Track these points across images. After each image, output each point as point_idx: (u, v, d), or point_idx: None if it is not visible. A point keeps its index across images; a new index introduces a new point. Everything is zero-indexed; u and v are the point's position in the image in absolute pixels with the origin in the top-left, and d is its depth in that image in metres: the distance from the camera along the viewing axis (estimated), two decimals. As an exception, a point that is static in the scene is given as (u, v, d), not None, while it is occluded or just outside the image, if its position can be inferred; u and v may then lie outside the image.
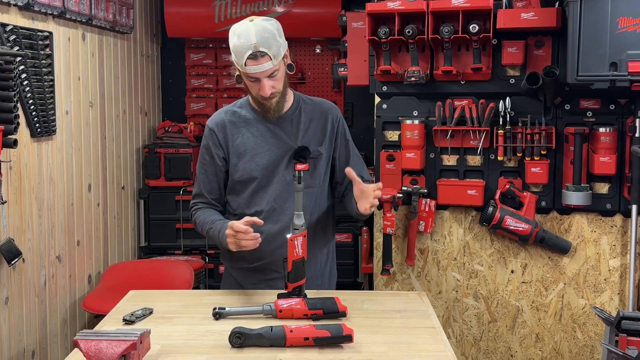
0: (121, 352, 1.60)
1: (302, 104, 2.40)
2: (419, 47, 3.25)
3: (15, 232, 2.89)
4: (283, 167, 2.33)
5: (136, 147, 4.54)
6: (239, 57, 2.19)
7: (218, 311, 2.06)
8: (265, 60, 2.17)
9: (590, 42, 2.88)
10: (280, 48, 2.22)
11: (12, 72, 2.68)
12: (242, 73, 2.25)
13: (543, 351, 3.36)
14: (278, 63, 2.22)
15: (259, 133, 2.36)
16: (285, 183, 2.33)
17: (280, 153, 2.34)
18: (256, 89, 2.25)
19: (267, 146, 2.34)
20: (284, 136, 2.35)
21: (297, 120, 2.37)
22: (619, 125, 3.16)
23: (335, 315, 2.05)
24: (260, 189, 2.34)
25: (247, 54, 2.17)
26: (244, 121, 2.38)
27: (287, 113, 2.37)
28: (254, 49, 2.16)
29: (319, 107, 2.42)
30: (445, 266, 3.42)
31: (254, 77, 2.22)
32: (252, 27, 2.19)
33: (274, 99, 2.28)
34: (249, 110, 2.39)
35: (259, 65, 2.17)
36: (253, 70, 2.19)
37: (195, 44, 5.13)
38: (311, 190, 2.35)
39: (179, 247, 4.54)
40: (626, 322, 2.39)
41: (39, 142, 3.11)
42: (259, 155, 2.34)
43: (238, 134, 2.37)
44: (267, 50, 2.17)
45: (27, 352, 3.03)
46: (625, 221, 3.22)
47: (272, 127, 2.36)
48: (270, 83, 2.23)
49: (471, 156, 3.34)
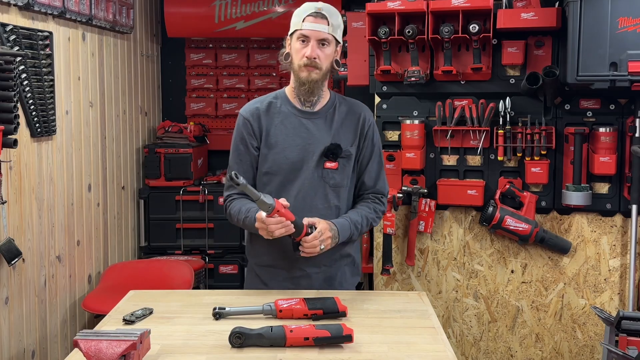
0: (121, 352, 1.60)
1: (337, 103, 2.39)
2: (419, 47, 3.25)
3: (15, 232, 2.89)
4: (313, 164, 2.31)
5: (136, 147, 4.54)
6: (299, 17, 2.26)
7: (218, 311, 2.05)
8: (324, 22, 2.24)
9: (590, 42, 2.88)
10: (339, 30, 2.30)
11: (12, 72, 2.68)
12: (293, 40, 2.28)
13: (543, 351, 3.36)
14: (332, 38, 2.26)
15: (292, 126, 2.34)
16: (313, 179, 2.31)
17: (311, 149, 2.32)
18: (302, 54, 2.26)
19: (298, 140, 2.32)
20: (316, 132, 2.33)
21: (330, 117, 2.36)
22: (619, 125, 3.16)
23: (335, 315, 2.05)
24: (288, 183, 2.32)
25: (308, 11, 2.25)
26: (278, 112, 2.36)
27: (322, 109, 2.36)
28: (317, 10, 2.24)
29: (353, 108, 2.41)
30: (445, 266, 3.42)
31: (305, 37, 2.25)
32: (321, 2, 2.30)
33: (314, 72, 2.26)
34: (284, 102, 2.37)
35: (316, 24, 2.23)
36: (309, 27, 2.23)
37: (195, 44, 5.13)
38: (338, 189, 2.34)
39: (179, 247, 4.54)
40: (626, 322, 2.39)
41: (39, 142, 3.11)
42: (289, 148, 2.32)
43: (271, 124, 2.35)
44: (328, 16, 2.25)
45: (27, 352, 3.03)
46: (625, 221, 3.22)
47: (306, 122, 2.34)
48: (317, 51, 2.25)
49: (471, 156, 3.34)
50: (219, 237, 4.53)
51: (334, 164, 2.30)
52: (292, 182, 2.32)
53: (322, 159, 2.31)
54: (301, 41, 2.25)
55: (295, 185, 2.32)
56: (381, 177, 2.45)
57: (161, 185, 4.53)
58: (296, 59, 2.28)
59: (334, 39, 2.28)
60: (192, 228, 4.54)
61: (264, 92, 5.04)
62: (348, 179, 2.37)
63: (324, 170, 2.31)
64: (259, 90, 5.11)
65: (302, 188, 2.32)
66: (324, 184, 2.32)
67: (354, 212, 2.37)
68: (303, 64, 2.25)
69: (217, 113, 5.16)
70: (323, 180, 2.32)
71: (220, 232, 4.52)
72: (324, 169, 2.31)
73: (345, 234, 2.29)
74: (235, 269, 4.56)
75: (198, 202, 4.50)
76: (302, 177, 2.32)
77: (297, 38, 2.26)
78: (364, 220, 2.35)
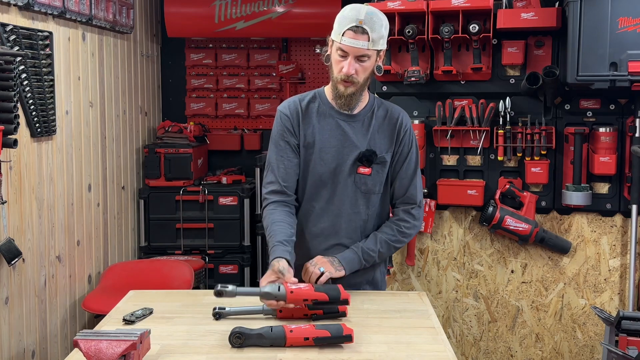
0: (121, 352, 1.60)
1: (376, 107, 2.35)
2: (419, 47, 3.25)
3: (15, 232, 2.89)
4: (347, 168, 2.29)
5: (136, 147, 4.53)
6: (341, 26, 2.17)
7: (218, 311, 2.05)
8: (363, 38, 2.15)
9: (590, 42, 2.88)
10: (381, 40, 2.20)
11: (12, 72, 2.68)
12: (334, 48, 2.21)
13: (543, 351, 3.36)
14: (372, 51, 2.19)
15: (329, 127, 2.30)
16: (346, 185, 2.29)
17: (346, 152, 2.29)
18: (339, 67, 2.20)
19: (335, 142, 2.30)
20: (353, 135, 2.30)
21: (368, 121, 2.32)
22: (619, 125, 3.16)
23: (335, 315, 2.05)
24: (321, 185, 2.30)
25: (349, 25, 2.15)
26: (316, 112, 2.32)
27: (360, 113, 2.32)
28: (358, 23, 2.15)
29: (391, 113, 2.36)
30: (445, 266, 3.42)
31: (344, 53, 2.18)
32: (365, 7, 2.19)
33: (350, 87, 2.22)
34: (323, 102, 2.34)
35: (356, 40, 2.15)
36: (347, 42, 2.15)
37: (195, 44, 5.13)
38: (369, 195, 2.32)
39: (179, 247, 4.54)
40: (626, 322, 2.39)
41: (39, 142, 3.11)
42: (325, 150, 2.29)
43: (309, 123, 2.31)
44: (369, 30, 2.15)
45: (27, 352, 3.03)
46: (625, 221, 3.22)
47: (343, 124, 2.30)
48: (355, 66, 2.18)
49: (471, 156, 3.34)
50: (219, 237, 4.53)
51: (367, 170, 2.27)
52: (325, 184, 2.30)
53: (356, 163, 2.28)
54: (339, 54, 2.19)
55: (327, 187, 2.30)
56: (413, 184, 2.35)
57: (161, 185, 4.53)
58: (335, 69, 2.23)
59: (375, 52, 2.22)
60: (192, 228, 4.54)
61: (264, 92, 5.13)
62: (381, 185, 2.33)
63: (357, 175, 2.29)
64: (259, 90, 5.11)
65: (334, 191, 2.30)
66: (356, 189, 2.30)
67: (370, 240, 2.31)
68: (340, 78, 2.21)
69: (217, 113, 5.16)
70: (355, 185, 2.30)
71: (220, 232, 4.52)
72: (357, 174, 2.28)
73: (353, 265, 2.26)
74: (235, 269, 4.55)
75: (198, 202, 4.50)
76: (334, 180, 2.30)
77: (336, 49, 2.20)
78: (382, 246, 2.29)
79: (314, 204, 2.31)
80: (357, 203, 2.30)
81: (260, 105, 5.12)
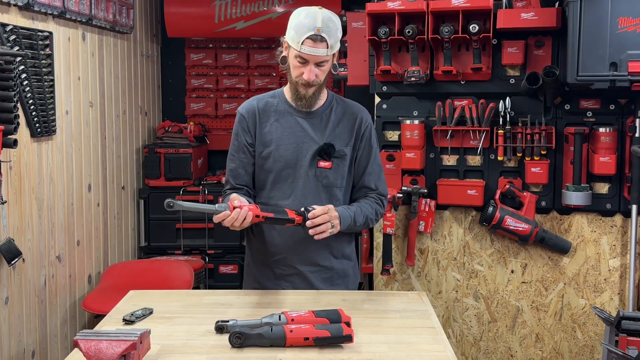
0: (121, 352, 1.60)
1: (335, 104, 2.40)
2: (419, 47, 3.25)
3: (15, 232, 2.89)
4: (307, 163, 2.33)
5: (136, 147, 4.54)
6: (299, 35, 2.20)
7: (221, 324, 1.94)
8: (322, 46, 2.20)
9: (590, 42, 2.88)
10: (337, 43, 2.25)
11: (12, 72, 2.68)
12: (291, 53, 2.25)
13: (543, 351, 3.36)
14: (330, 55, 2.24)
15: (287, 125, 2.35)
16: (307, 179, 2.33)
17: (305, 147, 2.33)
18: (299, 72, 2.25)
19: (293, 139, 2.34)
20: (312, 132, 2.35)
21: (327, 118, 2.37)
22: (619, 125, 3.16)
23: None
24: (281, 181, 2.34)
25: (307, 34, 2.18)
26: (275, 111, 2.38)
27: (318, 110, 2.37)
28: (316, 32, 2.18)
29: (350, 109, 2.41)
30: (445, 266, 3.42)
31: (303, 60, 2.22)
32: (320, 12, 2.22)
33: (311, 89, 2.28)
34: (282, 101, 2.39)
35: (315, 48, 2.19)
36: (307, 51, 2.19)
37: (195, 44, 5.13)
38: (333, 189, 2.35)
39: (179, 247, 4.54)
40: (626, 322, 2.39)
41: (39, 142, 3.11)
42: (283, 146, 2.34)
43: (267, 122, 2.37)
44: (327, 37, 2.19)
45: (27, 352, 3.03)
46: (625, 221, 3.22)
47: (301, 121, 2.36)
48: (316, 71, 2.23)
49: (471, 156, 3.34)
50: (219, 237, 4.53)
51: (327, 164, 2.31)
52: (285, 180, 2.34)
53: (315, 158, 2.32)
54: (299, 61, 2.24)
55: (288, 183, 2.34)
56: (382, 179, 2.45)
57: (161, 185, 4.53)
58: (294, 73, 2.28)
59: (332, 55, 2.26)
60: (192, 228, 4.54)
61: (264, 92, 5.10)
62: (343, 179, 2.37)
63: (317, 169, 2.32)
64: (259, 90, 5.11)
65: (296, 186, 2.33)
66: (317, 183, 2.33)
67: (355, 207, 2.35)
68: (301, 82, 2.26)
69: (217, 113, 5.16)
70: (316, 179, 2.33)
71: (220, 232, 4.52)
72: (317, 168, 2.32)
73: (345, 223, 2.27)
74: (235, 269, 4.56)
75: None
76: (295, 176, 2.33)
77: (295, 56, 2.24)
78: (362, 218, 2.34)
79: (278, 203, 2.33)
80: (321, 197, 2.32)
81: (260, 105, 5.12)
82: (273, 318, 1.91)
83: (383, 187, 2.45)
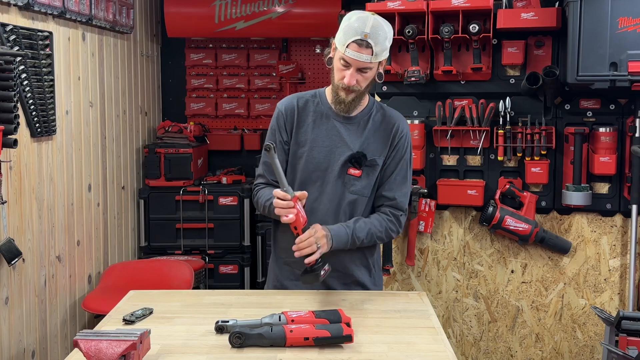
0: (121, 352, 1.60)
1: (374, 111, 2.36)
2: (419, 47, 3.25)
3: (15, 232, 2.89)
4: (337, 168, 2.30)
5: (136, 147, 4.54)
6: (345, 37, 2.17)
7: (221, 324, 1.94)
8: (367, 52, 2.16)
9: (590, 42, 2.88)
10: (385, 52, 2.22)
11: (12, 72, 2.68)
12: (337, 55, 2.22)
13: (543, 351, 3.36)
14: (374, 63, 2.21)
15: (324, 127, 2.33)
16: (334, 183, 2.30)
17: (338, 153, 2.30)
18: (341, 76, 2.22)
19: (327, 142, 2.31)
20: (347, 137, 2.31)
21: (364, 125, 2.33)
22: (619, 125, 3.16)
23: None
24: (309, 182, 2.31)
25: (354, 38, 2.15)
26: (314, 111, 2.35)
27: (357, 115, 2.34)
28: (363, 37, 2.15)
29: (389, 118, 2.36)
30: (445, 266, 3.42)
31: (346, 63, 2.19)
32: (371, 18, 2.19)
33: (351, 95, 2.25)
34: (322, 102, 2.36)
35: (359, 53, 2.16)
36: (351, 55, 2.16)
37: (195, 44, 5.13)
38: (360, 198, 2.32)
39: (179, 247, 4.54)
40: (626, 322, 2.39)
41: (39, 142, 3.11)
42: (317, 149, 2.31)
43: (304, 122, 2.34)
44: (373, 44, 2.16)
45: (27, 352, 3.03)
46: (625, 221, 3.22)
47: (339, 126, 2.32)
48: (357, 76, 2.20)
49: (471, 156, 3.34)
50: (219, 237, 4.53)
51: (357, 172, 2.28)
52: (314, 183, 2.31)
53: (346, 164, 2.29)
54: (342, 64, 2.21)
55: (317, 186, 2.31)
56: (402, 192, 2.35)
57: (161, 185, 4.53)
58: (336, 76, 2.25)
59: (377, 63, 2.23)
60: (192, 228, 4.54)
61: (264, 92, 5.13)
62: (369, 189, 2.34)
63: (346, 176, 2.29)
64: (259, 90, 5.11)
65: (323, 190, 2.31)
66: (344, 190, 2.30)
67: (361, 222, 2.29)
68: (341, 86, 2.23)
69: (217, 113, 5.16)
70: (344, 186, 2.30)
71: (220, 232, 4.52)
72: (347, 175, 2.29)
73: (340, 241, 2.23)
74: (235, 269, 4.56)
75: (198, 202, 4.50)
76: (324, 180, 2.31)
77: (339, 58, 2.21)
78: (365, 234, 2.28)
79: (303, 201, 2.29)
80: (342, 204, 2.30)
81: (260, 105, 5.13)
82: (273, 318, 1.91)
83: (402, 200, 2.35)
